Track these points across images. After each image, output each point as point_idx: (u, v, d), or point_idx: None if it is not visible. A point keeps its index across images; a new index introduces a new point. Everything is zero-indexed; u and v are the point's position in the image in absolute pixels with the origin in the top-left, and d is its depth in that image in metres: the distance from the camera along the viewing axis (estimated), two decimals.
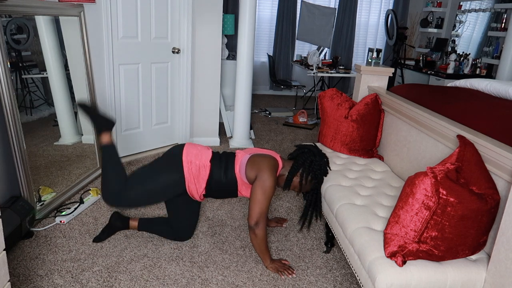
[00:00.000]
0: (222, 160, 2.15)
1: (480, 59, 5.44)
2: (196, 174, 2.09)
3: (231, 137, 4.31)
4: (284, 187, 2.15)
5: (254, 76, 6.94)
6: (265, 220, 2.06)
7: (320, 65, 5.72)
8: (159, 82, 3.68)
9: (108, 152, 2.17)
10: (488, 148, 1.69)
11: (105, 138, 2.20)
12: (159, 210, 2.74)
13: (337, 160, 2.69)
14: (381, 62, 6.16)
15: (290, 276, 2.11)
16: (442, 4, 6.53)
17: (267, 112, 5.68)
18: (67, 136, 2.96)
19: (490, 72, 5.35)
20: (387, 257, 1.61)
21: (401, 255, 1.58)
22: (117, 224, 2.34)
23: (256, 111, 5.78)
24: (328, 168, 2.15)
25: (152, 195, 2.10)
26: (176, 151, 2.14)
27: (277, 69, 7.11)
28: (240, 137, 4.14)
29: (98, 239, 2.30)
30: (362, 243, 1.74)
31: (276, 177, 2.06)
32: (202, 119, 4.07)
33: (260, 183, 2.01)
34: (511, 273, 1.46)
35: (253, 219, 2.02)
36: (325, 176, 2.15)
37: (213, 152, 2.21)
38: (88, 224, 2.50)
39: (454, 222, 1.52)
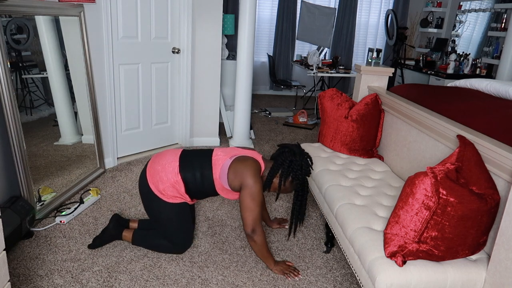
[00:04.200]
0: (195, 164, 2.06)
1: (480, 59, 5.44)
2: (175, 193, 2.07)
3: (231, 137, 4.31)
4: (263, 188, 2.08)
5: (254, 76, 6.94)
6: (261, 225, 2.02)
7: (320, 65, 5.72)
8: (159, 82, 3.68)
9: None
10: (488, 148, 1.69)
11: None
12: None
13: (337, 160, 2.69)
14: (381, 62, 6.17)
15: (296, 278, 2.10)
16: (442, 4, 6.53)
17: (267, 112, 5.67)
18: (67, 136, 2.96)
19: (490, 72, 5.35)
20: (387, 257, 1.61)
21: (401, 255, 1.58)
22: (112, 234, 2.31)
23: (256, 111, 5.78)
24: (310, 168, 2.07)
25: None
26: (144, 188, 2.10)
27: (277, 69, 7.11)
28: (240, 137, 4.14)
29: (93, 246, 2.26)
30: (362, 243, 1.74)
31: (261, 181, 2.00)
32: (202, 119, 4.07)
33: (247, 191, 1.95)
34: (511, 273, 1.46)
35: (249, 227, 1.99)
36: (308, 176, 2.07)
37: (181, 155, 2.11)
38: (88, 224, 2.50)
39: (454, 222, 1.52)
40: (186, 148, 2.22)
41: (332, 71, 5.62)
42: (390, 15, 5.95)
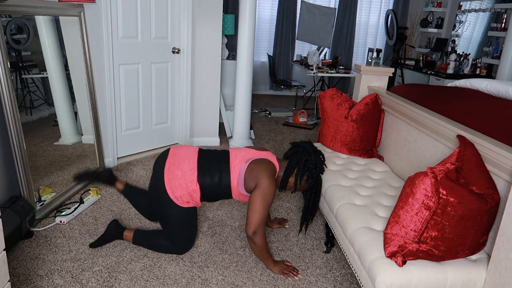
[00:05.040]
0: (213, 171, 2.05)
1: (480, 59, 5.44)
2: (189, 199, 2.08)
3: (231, 137, 4.31)
4: (279, 188, 2.12)
5: (254, 76, 6.94)
6: (264, 228, 2.03)
7: (320, 65, 5.72)
8: (159, 82, 3.68)
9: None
10: (488, 148, 1.69)
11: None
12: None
13: (337, 160, 2.69)
14: (381, 62, 6.16)
15: (296, 277, 2.10)
16: (442, 4, 6.53)
17: (267, 112, 5.68)
18: (67, 136, 2.96)
19: (490, 72, 5.35)
20: (387, 257, 1.61)
21: (401, 255, 1.58)
22: (112, 233, 2.30)
23: (256, 111, 5.78)
24: (324, 166, 2.11)
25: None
26: (159, 189, 2.06)
27: (277, 69, 7.11)
28: (240, 137, 4.14)
29: (94, 245, 2.26)
30: (362, 243, 1.74)
31: (275, 184, 2.02)
32: (202, 119, 4.07)
33: (260, 192, 1.96)
34: (511, 273, 1.46)
35: (251, 228, 1.98)
36: (322, 174, 2.11)
37: (198, 160, 2.08)
38: (88, 224, 2.50)
39: (454, 222, 1.52)
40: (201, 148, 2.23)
41: (332, 71, 5.62)
42: (390, 15, 5.95)
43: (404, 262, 1.58)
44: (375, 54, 3.30)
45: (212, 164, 2.08)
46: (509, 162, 1.58)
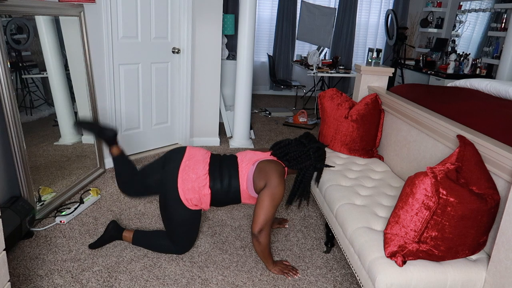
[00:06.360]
0: (224, 176, 2.06)
1: (480, 59, 5.44)
2: (198, 203, 2.07)
3: (231, 137, 4.31)
4: (300, 202, 2.17)
5: (254, 76, 6.94)
6: (269, 227, 2.02)
7: (320, 65, 5.72)
8: (159, 82, 3.68)
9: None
10: (488, 148, 1.69)
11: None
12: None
13: (337, 160, 2.69)
14: (381, 62, 6.15)
15: (296, 276, 2.10)
16: (442, 4, 6.53)
17: (267, 112, 5.68)
18: (67, 136, 2.96)
19: (490, 72, 5.35)
20: (387, 257, 1.61)
21: (401, 255, 1.58)
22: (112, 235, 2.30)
23: (256, 111, 5.78)
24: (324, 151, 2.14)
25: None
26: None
27: (277, 69, 7.11)
28: (240, 137, 4.14)
29: (94, 245, 2.26)
30: (362, 243, 1.74)
31: (285, 184, 2.02)
32: (202, 119, 4.07)
33: (269, 191, 1.95)
34: (511, 273, 1.46)
35: (258, 226, 1.97)
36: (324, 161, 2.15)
37: (210, 168, 2.07)
38: (88, 224, 2.50)
39: (454, 222, 1.52)
40: (212, 152, 2.22)
41: (332, 71, 5.62)
42: (390, 15, 5.95)
43: (404, 262, 1.58)
44: (375, 54, 3.30)
45: (222, 169, 2.08)
46: (509, 162, 1.58)
